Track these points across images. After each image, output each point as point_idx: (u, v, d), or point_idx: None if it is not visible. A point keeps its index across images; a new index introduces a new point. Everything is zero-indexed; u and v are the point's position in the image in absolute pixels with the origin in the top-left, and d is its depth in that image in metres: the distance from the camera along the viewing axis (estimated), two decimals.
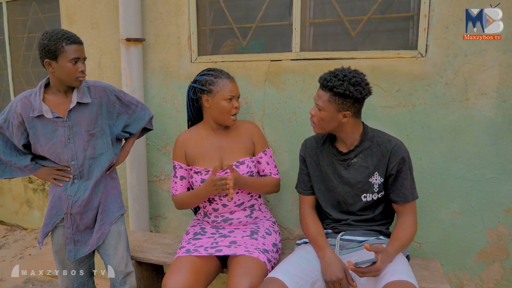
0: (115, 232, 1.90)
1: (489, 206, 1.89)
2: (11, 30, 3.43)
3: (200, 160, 1.92)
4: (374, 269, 1.46)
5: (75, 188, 1.82)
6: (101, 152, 1.85)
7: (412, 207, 1.66)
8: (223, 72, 1.91)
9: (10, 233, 3.71)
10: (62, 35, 1.65)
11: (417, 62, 1.90)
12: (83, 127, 1.78)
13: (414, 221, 1.66)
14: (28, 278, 2.82)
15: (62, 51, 1.64)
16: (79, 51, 1.69)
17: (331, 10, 2.09)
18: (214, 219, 1.95)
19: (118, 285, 1.92)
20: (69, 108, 1.74)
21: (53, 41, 1.63)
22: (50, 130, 1.75)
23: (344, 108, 1.58)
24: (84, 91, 1.78)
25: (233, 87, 1.87)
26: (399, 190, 1.63)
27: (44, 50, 1.65)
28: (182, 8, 2.30)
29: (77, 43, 1.68)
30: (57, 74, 1.69)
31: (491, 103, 1.82)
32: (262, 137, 2.00)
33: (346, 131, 1.66)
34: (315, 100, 1.62)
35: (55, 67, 1.67)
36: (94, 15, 2.57)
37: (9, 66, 3.49)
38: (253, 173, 1.93)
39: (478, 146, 1.87)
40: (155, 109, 2.46)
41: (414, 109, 1.93)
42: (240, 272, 1.65)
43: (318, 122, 1.64)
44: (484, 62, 1.80)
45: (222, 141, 1.94)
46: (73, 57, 1.66)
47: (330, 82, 1.55)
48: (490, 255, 1.93)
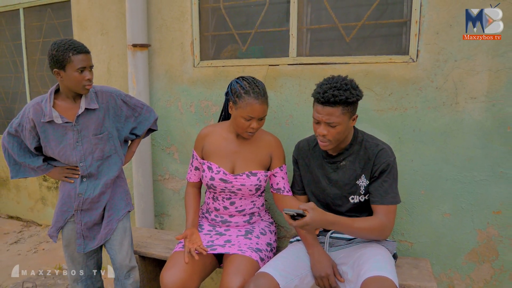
0: (121, 229, 2.01)
1: (479, 208, 1.94)
2: (27, 35, 3.60)
3: (214, 157, 1.97)
4: (302, 223, 1.48)
5: (85, 186, 1.93)
6: (109, 154, 1.96)
7: (387, 210, 1.64)
8: (257, 88, 1.81)
9: (26, 228, 3.89)
10: (69, 45, 1.73)
11: (409, 67, 1.96)
12: (91, 131, 1.88)
13: (384, 224, 1.63)
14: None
15: (69, 61, 1.72)
16: (85, 60, 1.75)
17: (327, 16, 2.16)
18: (214, 217, 2.03)
19: (123, 279, 2.03)
20: (78, 114, 1.84)
21: (61, 52, 1.71)
22: (60, 134, 1.86)
23: (354, 113, 1.63)
24: (92, 97, 1.87)
25: (256, 108, 1.79)
26: (378, 191, 1.66)
27: (53, 60, 1.74)
28: (185, 15, 2.41)
29: (83, 53, 1.75)
30: (66, 83, 1.78)
31: (481, 107, 1.87)
32: (281, 153, 1.98)
33: (344, 135, 1.70)
34: (326, 120, 1.57)
35: (63, 76, 1.76)
36: (103, 21, 2.70)
37: (25, 69, 3.66)
38: (261, 187, 1.95)
39: (468, 149, 1.91)
40: (160, 112, 2.57)
41: (406, 113, 1.99)
42: (233, 270, 1.73)
43: (333, 139, 1.62)
44: (474, 66, 1.85)
45: (239, 147, 1.96)
46: (80, 66, 1.73)
47: (339, 96, 1.54)
48: (480, 256, 1.97)
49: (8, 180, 4.05)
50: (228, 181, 1.91)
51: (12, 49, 3.77)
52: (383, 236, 1.65)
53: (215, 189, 1.95)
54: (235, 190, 1.92)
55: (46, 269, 3.00)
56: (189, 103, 2.49)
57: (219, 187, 1.92)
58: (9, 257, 3.26)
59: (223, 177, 1.91)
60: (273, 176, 1.99)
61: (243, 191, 1.91)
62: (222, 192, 1.95)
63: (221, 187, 1.92)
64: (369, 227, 1.63)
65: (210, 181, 1.93)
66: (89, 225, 1.97)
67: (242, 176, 1.90)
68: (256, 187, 1.92)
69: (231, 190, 1.92)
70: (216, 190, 1.95)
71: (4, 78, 3.92)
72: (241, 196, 1.95)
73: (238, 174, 1.91)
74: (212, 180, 1.93)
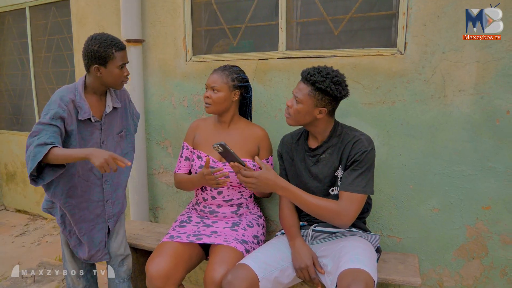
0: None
1: (468, 203, 1.90)
2: (33, 33, 3.69)
3: (203, 147, 2.03)
4: (250, 174, 1.60)
5: (108, 189, 1.93)
6: (126, 151, 1.99)
7: (349, 197, 1.59)
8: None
9: (32, 222, 3.98)
10: (111, 41, 1.71)
11: (396, 60, 1.93)
12: (114, 129, 1.91)
13: (342, 211, 1.59)
14: (42, 262, 3.04)
15: (112, 58, 1.71)
16: (126, 56, 1.77)
17: (316, 9, 2.15)
18: (202, 208, 2.06)
19: (117, 267, 2.06)
20: (106, 112, 1.83)
21: (103, 47, 1.69)
22: (87, 133, 1.81)
23: (321, 104, 1.64)
24: (114, 96, 1.89)
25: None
26: (346, 177, 1.64)
27: (94, 56, 1.70)
28: (178, 11, 2.43)
29: (124, 49, 1.76)
30: (104, 79, 1.75)
31: (469, 100, 1.83)
32: (268, 145, 2.06)
33: (319, 127, 1.72)
34: (294, 92, 1.67)
35: (103, 72, 1.73)
36: (101, 18, 2.75)
37: (31, 67, 3.75)
38: None
39: (456, 142, 1.88)
40: (154, 106, 2.60)
41: (394, 106, 1.97)
42: (217, 260, 1.75)
43: (293, 114, 1.68)
44: (462, 58, 1.81)
45: (228, 137, 2.01)
46: (121, 63, 1.74)
47: (313, 76, 1.61)
48: (469, 252, 1.93)
49: (17, 174, 4.17)
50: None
51: (19, 47, 3.87)
52: (337, 221, 1.61)
53: None
54: (224, 177, 1.93)
55: (47, 260, 3.08)
56: (182, 98, 2.51)
57: None
58: (13, 249, 3.35)
59: (212, 165, 1.95)
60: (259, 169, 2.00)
61: (230, 179, 1.93)
62: None
63: None
64: (323, 206, 1.61)
65: (199, 169, 1.97)
66: None
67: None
68: None
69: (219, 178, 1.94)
70: None
71: (12, 75, 4.02)
72: (229, 185, 1.97)
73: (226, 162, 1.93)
74: (201, 168, 1.97)
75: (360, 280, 1.40)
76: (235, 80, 1.95)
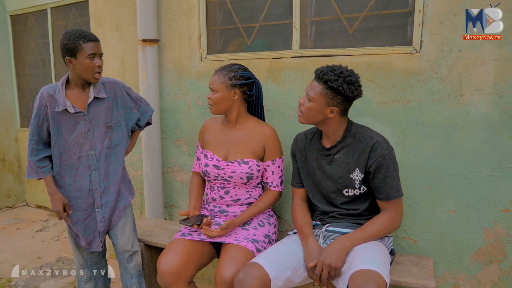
0: (122, 216, 2.08)
1: (486, 205, 1.85)
2: (54, 33, 3.79)
3: (210, 146, 2.05)
4: (320, 266, 1.58)
5: (96, 178, 1.99)
6: (116, 142, 2.02)
7: (394, 204, 1.67)
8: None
9: (51, 217, 4.09)
10: (79, 34, 1.81)
11: (412, 58, 1.90)
12: (101, 120, 1.96)
13: (394, 218, 1.67)
14: (60, 257, 3.12)
15: (79, 49, 1.80)
16: (95, 47, 1.83)
17: (330, 8, 2.13)
18: (212, 208, 2.07)
19: (125, 262, 2.10)
20: (88, 102, 1.91)
21: (72, 40, 1.80)
22: (72, 124, 1.93)
23: (333, 103, 1.63)
24: (100, 87, 1.95)
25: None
26: (382, 187, 1.65)
27: (65, 49, 1.82)
28: (193, 10, 2.45)
29: (93, 41, 1.82)
30: (77, 71, 1.85)
31: (487, 99, 1.78)
32: (275, 146, 1.99)
33: (331, 127, 1.70)
34: (307, 90, 1.66)
35: (75, 64, 1.83)
36: (118, 18, 2.79)
37: (52, 66, 3.85)
38: (254, 176, 1.96)
39: (474, 143, 1.83)
40: (169, 105, 2.63)
41: (409, 105, 1.93)
42: (227, 259, 1.76)
43: (305, 112, 1.68)
44: (480, 57, 1.77)
45: (234, 136, 2.01)
46: (90, 53, 1.80)
47: (326, 75, 1.60)
48: (487, 256, 1.88)
49: None
50: (220, 168, 1.96)
51: (40, 47, 3.98)
52: (395, 228, 1.71)
53: (209, 176, 2.00)
54: (227, 177, 1.95)
55: (65, 255, 3.15)
56: (197, 97, 2.53)
57: (212, 174, 1.97)
58: (33, 244, 3.45)
59: (216, 164, 1.97)
60: (264, 170, 2.02)
61: (234, 179, 1.94)
62: (216, 180, 1.99)
63: (214, 174, 1.97)
64: (382, 228, 1.66)
65: (205, 167, 2.00)
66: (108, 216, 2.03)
67: (234, 164, 1.94)
68: (248, 176, 1.94)
69: (223, 177, 1.96)
70: (210, 177, 1.99)
71: (34, 75, 4.14)
72: (234, 185, 1.97)
73: (230, 161, 1.95)
74: (206, 166, 1.99)
75: (372, 282, 1.38)
76: (233, 79, 1.92)
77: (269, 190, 2.03)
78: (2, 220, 4.05)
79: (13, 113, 4.35)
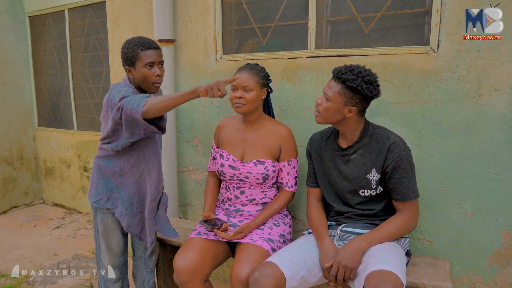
0: None
1: (503, 207, 1.82)
2: (71, 34, 3.86)
3: (226, 146, 2.05)
4: (336, 265, 1.57)
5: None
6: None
7: (411, 205, 1.66)
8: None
9: (68, 215, 4.16)
10: (138, 42, 1.77)
11: (429, 58, 1.88)
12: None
13: (410, 219, 1.66)
14: (76, 254, 3.17)
15: (138, 57, 1.75)
16: (153, 55, 1.77)
17: (346, 8, 2.13)
18: (228, 207, 2.08)
19: (147, 258, 2.13)
20: None
21: (130, 49, 1.76)
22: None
23: (351, 103, 1.63)
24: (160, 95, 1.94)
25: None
26: (398, 188, 1.64)
27: (124, 58, 1.78)
28: (209, 10, 2.47)
29: (151, 48, 1.77)
30: (136, 80, 1.80)
31: (506, 99, 1.76)
32: (291, 146, 1.99)
33: (349, 127, 1.70)
34: (325, 90, 1.67)
35: (134, 73, 1.79)
36: (135, 19, 2.83)
37: (69, 66, 3.92)
38: (269, 177, 1.96)
39: (492, 144, 1.81)
40: (184, 105, 2.65)
41: (426, 105, 1.92)
42: (243, 258, 1.77)
43: (322, 112, 1.68)
44: (499, 56, 1.75)
45: (250, 136, 2.01)
46: (147, 61, 1.75)
47: (344, 74, 1.60)
48: (504, 258, 1.85)
49: (55, 170, 4.36)
50: (236, 168, 1.96)
51: (58, 47, 4.05)
52: (411, 229, 1.70)
53: (224, 176, 2.01)
54: (243, 177, 1.96)
55: (82, 252, 3.20)
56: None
57: (228, 174, 1.98)
58: (50, 241, 3.52)
59: (231, 164, 1.97)
60: (280, 171, 2.01)
61: (250, 179, 1.94)
62: (232, 180, 1.99)
63: (230, 174, 1.98)
64: (398, 229, 1.66)
65: (220, 167, 2.00)
66: None
67: (250, 164, 1.94)
68: (263, 176, 1.94)
69: (239, 177, 1.97)
70: (226, 177, 2.00)
71: (51, 75, 4.22)
72: (249, 185, 1.98)
73: (246, 162, 1.96)
74: (222, 166, 2.00)
75: (388, 282, 1.38)
76: (264, 78, 1.95)
77: (283, 190, 2.03)
78: (20, 217, 4.14)
79: (31, 112, 4.44)
